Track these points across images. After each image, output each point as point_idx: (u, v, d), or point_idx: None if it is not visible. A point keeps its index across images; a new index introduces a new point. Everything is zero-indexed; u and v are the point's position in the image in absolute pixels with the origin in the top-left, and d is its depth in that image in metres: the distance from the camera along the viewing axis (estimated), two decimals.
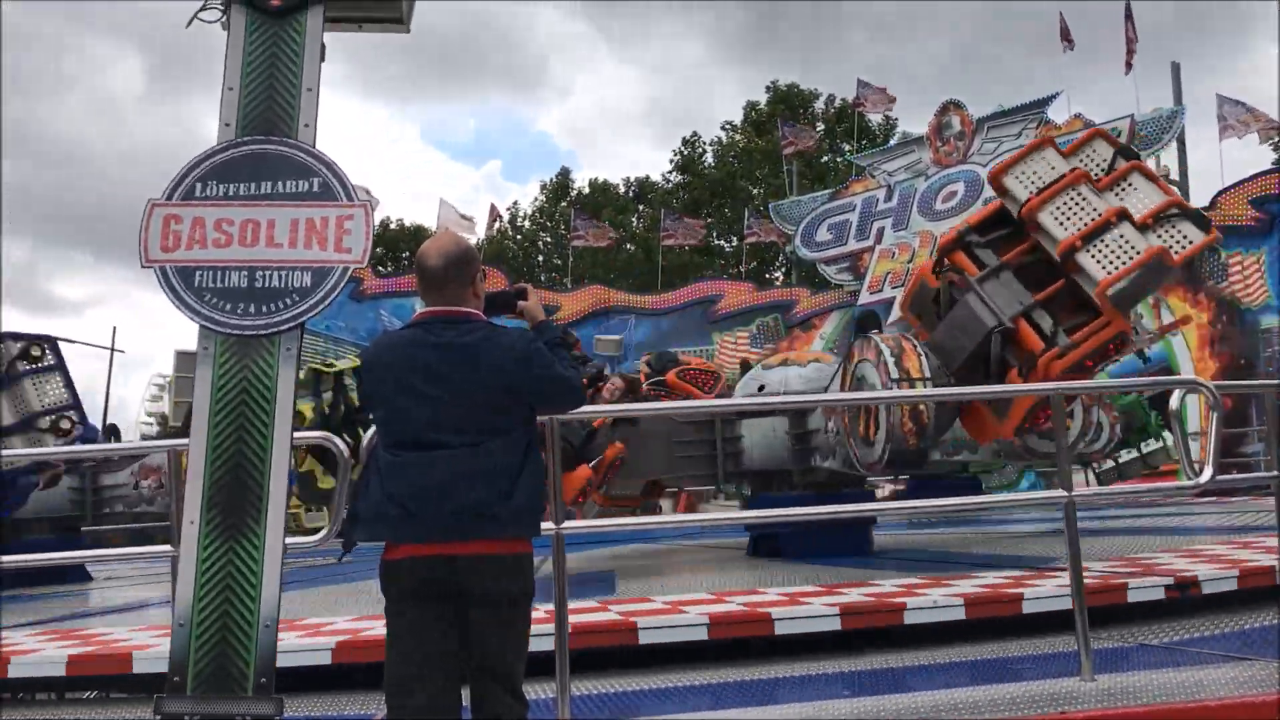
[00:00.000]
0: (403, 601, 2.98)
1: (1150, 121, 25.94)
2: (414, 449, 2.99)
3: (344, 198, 3.49)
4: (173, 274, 3.44)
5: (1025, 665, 5.01)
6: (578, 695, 4.58)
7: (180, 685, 3.20)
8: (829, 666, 5.19)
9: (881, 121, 44.04)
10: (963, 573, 7.05)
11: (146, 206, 3.50)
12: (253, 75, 3.65)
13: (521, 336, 3.15)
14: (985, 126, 28.82)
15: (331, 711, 4.87)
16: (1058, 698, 4.18)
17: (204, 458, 3.32)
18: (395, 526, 2.96)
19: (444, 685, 2.97)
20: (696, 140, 51.88)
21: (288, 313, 3.39)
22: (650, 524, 9.67)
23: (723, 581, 7.80)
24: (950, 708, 4.11)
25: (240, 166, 3.54)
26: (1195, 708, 3.98)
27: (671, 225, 38.20)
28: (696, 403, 9.60)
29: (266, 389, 3.36)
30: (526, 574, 3.08)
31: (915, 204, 29.60)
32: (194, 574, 3.25)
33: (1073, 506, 4.72)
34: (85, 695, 5.48)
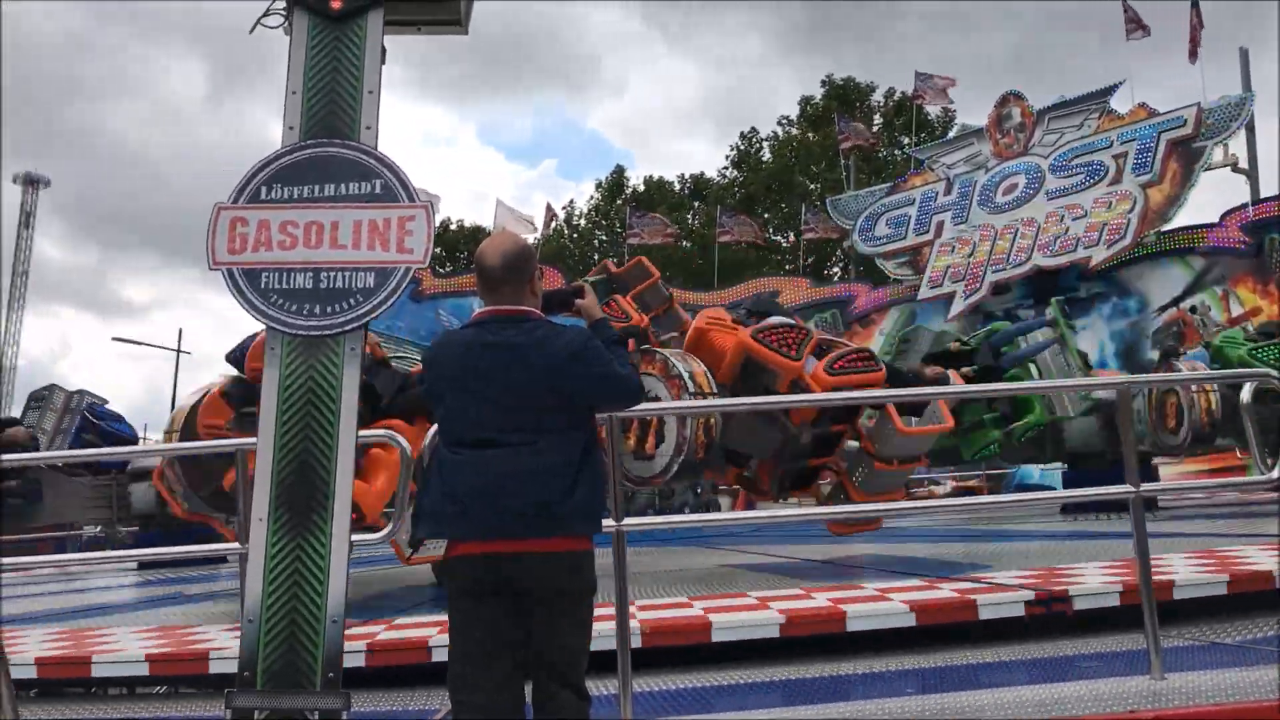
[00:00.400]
0: (465, 598, 3.01)
1: (1218, 109, 25.40)
2: (473, 447, 3.02)
3: (405, 199, 3.52)
4: (240, 276, 3.50)
5: (1091, 663, 4.93)
6: (641, 692, 4.59)
7: (250, 680, 3.25)
8: (897, 664, 5.14)
9: (940, 114, 43.56)
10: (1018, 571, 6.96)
11: (213, 210, 3.56)
12: (315, 79, 3.70)
13: (579, 335, 3.16)
14: (1046, 118, 28.40)
15: (396, 707, 4.92)
16: (1127, 696, 4.11)
17: (271, 456, 3.37)
18: (454, 524, 2.99)
19: (507, 681, 2.99)
20: (753, 136, 51.71)
21: (352, 313, 3.44)
22: (709, 521, 9.67)
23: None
24: (1018, 706, 4.06)
25: (304, 169, 3.59)
26: (1270, 707, 3.89)
27: (728, 222, 38.12)
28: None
29: (332, 388, 3.41)
30: (587, 571, 3.10)
31: (975, 197, 29.25)
32: (262, 571, 3.30)
33: (1140, 501, 4.64)
34: (156, 690, 5.59)
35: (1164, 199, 25.70)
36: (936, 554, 9.69)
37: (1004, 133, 29.18)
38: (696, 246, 45.66)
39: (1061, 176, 27.58)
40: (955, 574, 7.11)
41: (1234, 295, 24.18)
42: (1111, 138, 26.94)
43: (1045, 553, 8.76)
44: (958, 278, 28.78)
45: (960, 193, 29.76)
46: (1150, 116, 26.54)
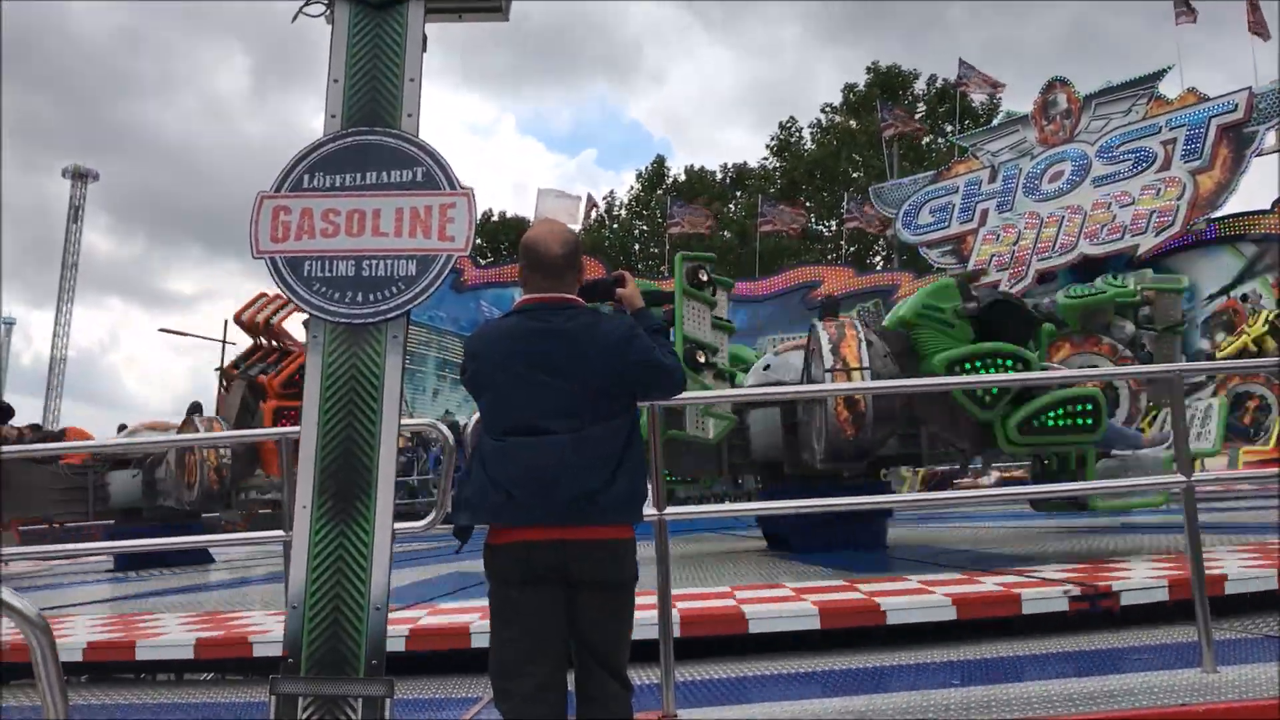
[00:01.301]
0: (508, 586, 3.01)
1: (1270, 93, 24.94)
2: (517, 434, 3.01)
3: (446, 186, 3.52)
4: (283, 264, 3.51)
5: (1140, 656, 4.86)
6: (682, 681, 4.58)
7: (294, 666, 3.27)
8: (939, 656, 5.10)
9: (985, 101, 43.15)
10: (1061, 565, 6.87)
11: (256, 198, 3.57)
12: (357, 67, 3.70)
13: (622, 323, 3.15)
14: (1092, 104, 28.04)
15: (439, 694, 4.95)
16: (1178, 689, 4.05)
17: (315, 443, 3.38)
18: (498, 512, 2.99)
19: (550, 669, 2.98)
20: (793, 125, 51.50)
21: (394, 300, 3.44)
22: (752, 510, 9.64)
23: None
24: (1065, 700, 4.01)
25: (346, 157, 3.60)
26: None
27: (769, 211, 38.00)
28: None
29: (375, 376, 3.41)
30: (630, 560, 3.09)
31: (1020, 184, 28.95)
32: (306, 557, 3.32)
33: (1191, 492, 4.57)
34: (203, 677, 5.65)
35: (1214, 185, 25.30)
36: (980, 544, 9.59)
37: (1050, 119, 28.84)
38: (737, 237, 45.57)
39: (1109, 163, 27.23)
40: (997, 566, 7.03)
41: None
42: (1160, 123, 26.56)
43: (1089, 547, 8.64)
44: (1002, 266, 28.51)
45: (1005, 180, 29.48)
46: (1200, 101, 26.14)
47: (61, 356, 53.15)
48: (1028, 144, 29.30)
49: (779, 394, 8.78)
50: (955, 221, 30.27)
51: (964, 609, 5.40)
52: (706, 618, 5.50)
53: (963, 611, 5.39)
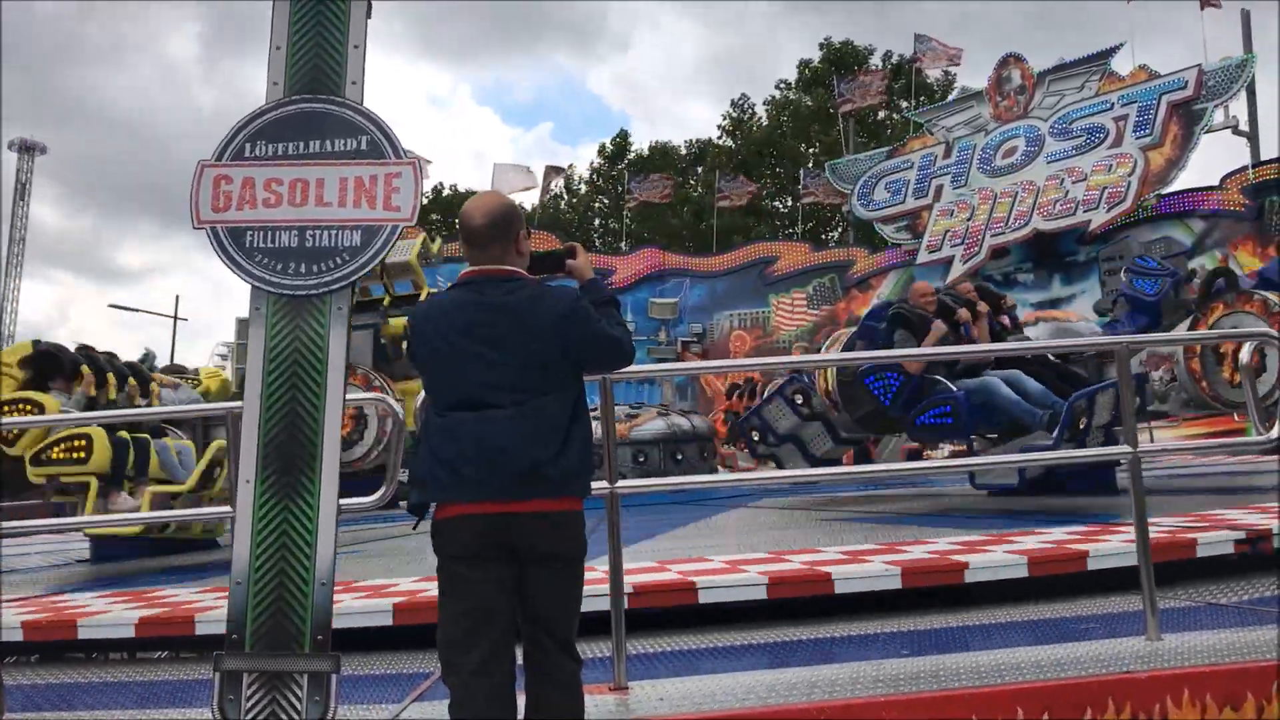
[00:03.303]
0: (455, 561, 2.98)
1: (1218, 71, 25.24)
2: (462, 409, 2.98)
3: (392, 155, 3.47)
4: (224, 234, 3.45)
5: (1089, 625, 4.92)
6: (634, 654, 4.58)
7: (239, 643, 3.23)
8: (889, 626, 5.13)
9: (940, 77, 43.33)
10: (1024, 529, 6.94)
11: (197, 168, 3.51)
12: (299, 34, 3.63)
13: (567, 295, 3.11)
14: (1046, 80, 28.24)
15: (390, 670, 4.91)
16: (1122, 658, 4.09)
17: (258, 417, 3.34)
18: (444, 487, 2.96)
19: (498, 643, 2.96)
20: (745, 102, 51.47)
21: (338, 272, 3.39)
22: (706, 483, 9.66)
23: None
24: (1013, 668, 4.05)
25: (289, 125, 3.53)
26: (1269, 667, 3.88)
27: (726, 186, 38.04)
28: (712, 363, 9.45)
29: (319, 348, 3.36)
30: (579, 532, 3.07)
31: (975, 160, 29.15)
32: (250, 533, 3.28)
33: (1138, 462, 4.62)
34: (157, 655, 5.59)
35: (1164, 162, 25.61)
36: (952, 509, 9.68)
37: (1004, 95, 29.03)
38: (692, 215, 45.56)
39: (1062, 139, 27.47)
40: (953, 527, 7.09)
41: (1234, 259, 24.10)
42: (1112, 100, 26.81)
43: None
44: (956, 241, 28.72)
45: (959, 156, 29.67)
46: (1151, 79, 26.41)
47: (10, 333, 52.24)
48: (982, 120, 29.47)
49: (725, 366, 8.81)
50: (910, 197, 30.43)
51: (909, 578, 5.43)
52: (655, 589, 5.49)
53: (907, 580, 5.42)
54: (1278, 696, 3.79)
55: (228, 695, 3.18)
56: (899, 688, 3.87)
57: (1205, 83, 25.34)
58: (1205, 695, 3.82)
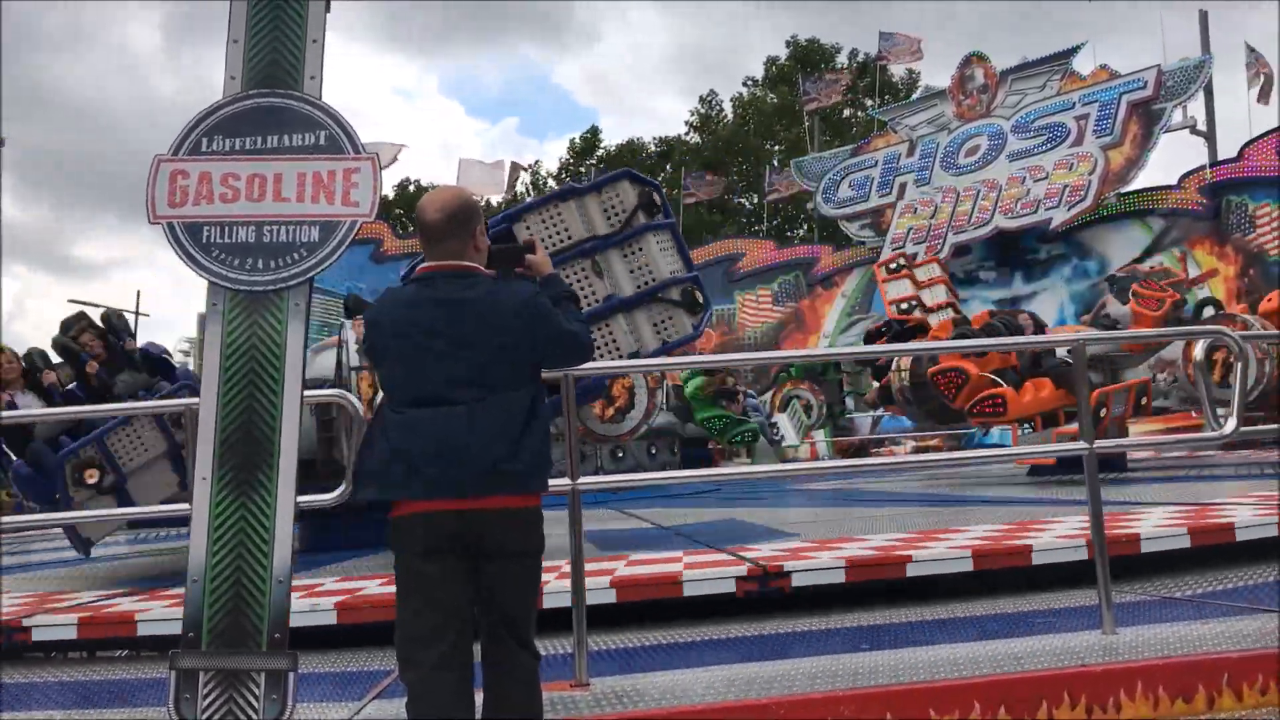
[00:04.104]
0: (414, 558, 2.97)
1: (1177, 71, 25.53)
2: (419, 406, 2.97)
3: (350, 151, 3.45)
4: (180, 230, 3.43)
5: (1044, 619, 4.97)
6: (595, 650, 4.59)
7: (195, 641, 3.21)
8: (847, 621, 5.17)
9: (905, 76, 43.58)
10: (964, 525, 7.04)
11: (153, 162, 3.48)
12: (257, 28, 3.61)
13: (525, 291, 3.10)
14: (1009, 79, 28.46)
15: (351, 667, 4.89)
16: (1077, 651, 4.14)
17: (215, 414, 3.32)
18: (403, 484, 2.94)
19: (458, 639, 2.96)
20: (713, 98, 51.55)
21: (296, 267, 3.37)
22: (665, 479, 9.68)
23: None
24: (970, 662, 4.09)
25: (246, 120, 3.51)
26: (1219, 660, 3.94)
27: (693, 183, 38.08)
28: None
29: (276, 344, 3.35)
30: (537, 528, 3.07)
31: (938, 159, 29.33)
32: (206, 530, 3.25)
33: (1094, 458, 4.67)
34: (117, 654, 5.54)
35: (1124, 161, 25.89)
36: (901, 516, 9.75)
37: (967, 94, 29.23)
38: None
39: (1023, 138, 27.71)
40: (910, 529, 7.15)
41: (1192, 256, 24.41)
42: (1073, 99, 27.07)
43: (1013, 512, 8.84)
44: (919, 239, 28.90)
45: (923, 154, 29.85)
46: (1111, 78, 26.68)
47: None
48: (945, 118, 29.66)
49: (699, 362, 8.84)
50: (874, 195, 30.58)
51: (853, 572, 5.49)
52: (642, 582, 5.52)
53: (852, 574, 5.47)
54: (1277, 683, 3.86)
55: (184, 694, 3.16)
56: (857, 682, 3.89)
57: (1164, 83, 25.64)
58: (1158, 688, 3.88)
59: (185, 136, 3.49)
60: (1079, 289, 26.38)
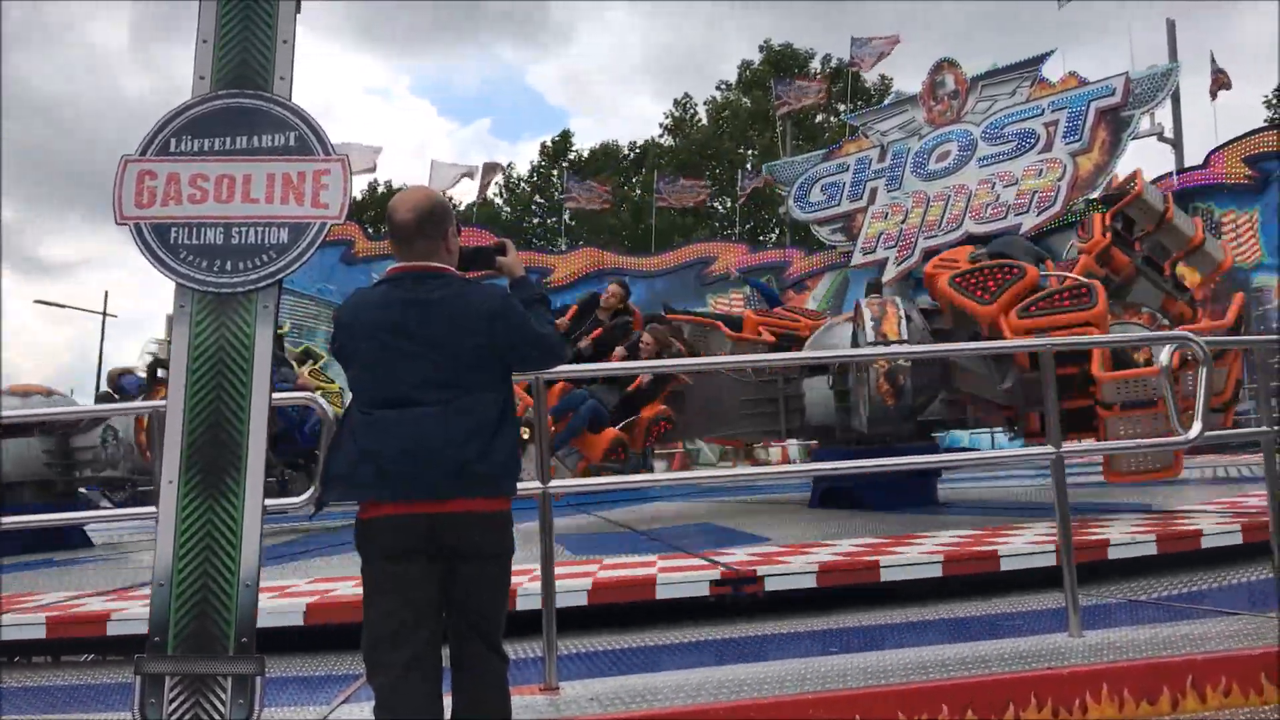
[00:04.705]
0: (383, 560, 2.95)
1: (1145, 79, 25.79)
2: (388, 407, 2.95)
3: (320, 152, 3.43)
4: (148, 231, 3.40)
5: (1012, 622, 5.01)
6: (565, 654, 4.58)
7: (161, 645, 3.18)
8: (816, 624, 5.19)
9: (878, 82, 43.79)
10: (931, 531, 7.09)
11: (120, 163, 3.45)
12: (227, 28, 3.58)
13: (496, 293, 3.09)
14: (979, 85, 28.65)
15: (319, 671, 4.87)
16: (1044, 654, 4.18)
17: (182, 417, 3.29)
18: (371, 486, 2.92)
19: (427, 642, 2.94)
20: (687, 102, 51.65)
21: (265, 269, 3.35)
22: (639, 482, 9.65)
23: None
24: (938, 664, 4.11)
25: (215, 121, 3.48)
26: (1183, 662, 3.98)
27: (666, 187, 38.09)
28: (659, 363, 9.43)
29: (244, 347, 3.32)
30: (507, 531, 3.06)
31: (909, 164, 29.48)
32: (173, 534, 3.22)
33: (1061, 462, 4.71)
34: (82, 658, 5.48)
35: (1093, 167, 26.11)
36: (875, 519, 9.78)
37: (938, 100, 29.40)
38: (632, 215, 45.57)
39: (994, 144, 27.90)
40: (877, 535, 7.18)
41: None
42: (1043, 105, 27.28)
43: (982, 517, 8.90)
44: (890, 244, 29.05)
45: (894, 159, 29.98)
46: (1080, 85, 26.91)
47: None
48: (916, 124, 29.82)
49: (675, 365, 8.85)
50: (846, 199, 30.69)
51: (824, 577, 5.52)
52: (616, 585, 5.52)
53: (824, 579, 5.50)
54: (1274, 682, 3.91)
55: (149, 698, 3.13)
56: (826, 685, 3.91)
57: (1132, 90, 25.88)
58: (1124, 690, 3.92)
59: (153, 137, 3.46)
60: None
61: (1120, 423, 7.66)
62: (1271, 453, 5.38)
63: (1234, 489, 9.97)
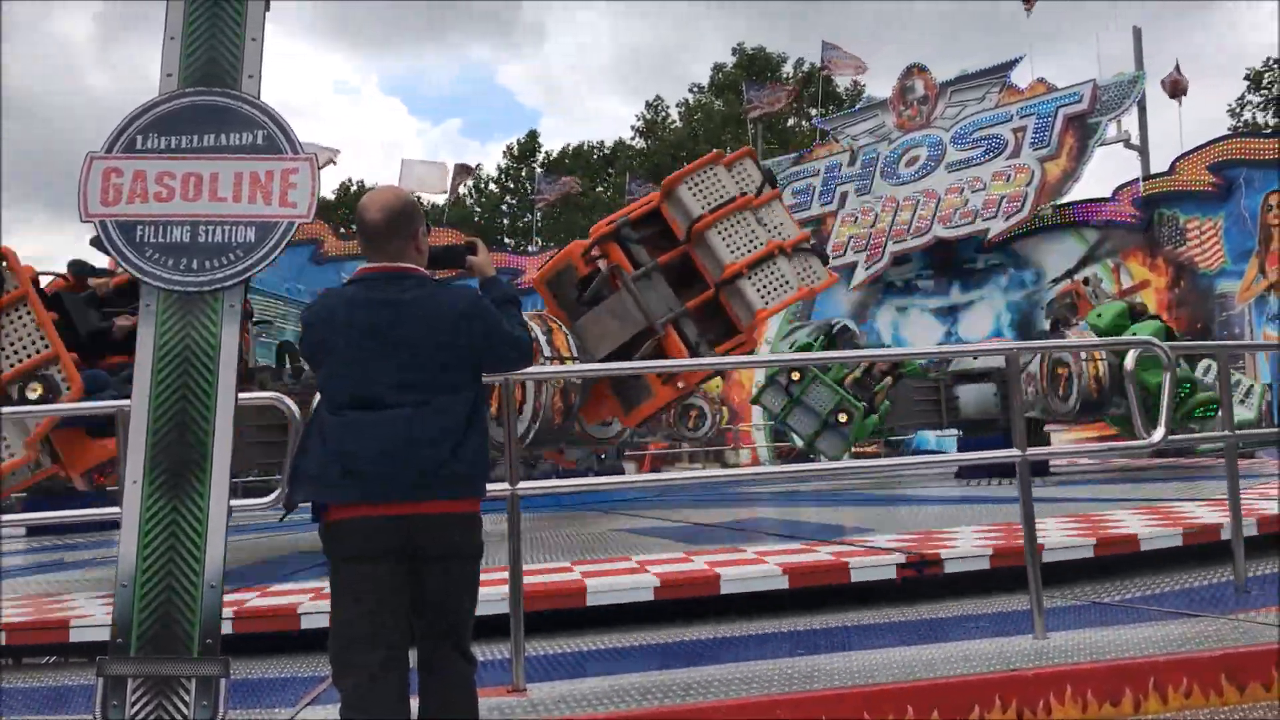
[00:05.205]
0: (351, 562, 2.94)
1: (1112, 86, 26.04)
2: (357, 408, 2.93)
3: (289, 151, 3.41)
4: (113, 228, 3.37)
5: (977, 624, 5.04)
6: (532, 655, 4.57)
7: (124, 647, 3.15)
8: (780, 625, 5.21)
9: (850, 86, 43.96)
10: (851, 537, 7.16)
11: (85, 159, 3.42)
12: (195, 25, 3.56)
13: (467, 293, 3.09)
14: (948, 91, 28.80)
15: (285, 673, 4.84)
16: (1009, 656, 4.21)
17: (146, 416, 3.26)
18: (339, 487, 2.91)
19: (395, 644, 2.93)
20: (659, 104, 51.68)
21: (231, 268, 3.33)
22: (607, 485, 9.64)
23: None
24: (903, 666, 4.14)
25: (182, 119, 3.46)
26: (1145, 663, 4.03)
27: (636, 190, 38.08)
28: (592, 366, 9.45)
29: (210, 346, 3.30)
30: (477, 533, 3.06)
31: (879, 168, 29.60)
32: (137, 534, 3.20)
33: (1026, 465, 4.75)
34: (44, 660, 5.42)
35: (1060, 173, 26.31)
36: (824, 518, 9.83)
37: (907, 105, 29.54)
38: (603, 215, 45.51)
39: (962, 149, 28.05)
40: (836, 537, 7.21)
41: (1125, 268, 24.89)
42: (1011, 112, 27.47)
43: (932, 517, 8.95)
44: (860, 248, 29.15)
45: (864, 164, 30.08)
46: (1048, 92, 27.10)
47: None
48: (886, 129, 29.93)
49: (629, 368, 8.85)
50: (816, 203, 30.76)
51: (795, 578, 5.53)
52: (548, 592, 5.49)
53: (794, 580, 5.52)
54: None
55: (111, 701, 3.10)
56: (792, 686, 3.93)
57: (1099, 97, 26.10)
58: (1087, 691, 3.96)
59: (119, 134, 3.44)
60: (1015, 299, 26.77)
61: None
62: (1234, 456, 5.45)
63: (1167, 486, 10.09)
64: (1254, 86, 39.38)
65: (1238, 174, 23.14)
